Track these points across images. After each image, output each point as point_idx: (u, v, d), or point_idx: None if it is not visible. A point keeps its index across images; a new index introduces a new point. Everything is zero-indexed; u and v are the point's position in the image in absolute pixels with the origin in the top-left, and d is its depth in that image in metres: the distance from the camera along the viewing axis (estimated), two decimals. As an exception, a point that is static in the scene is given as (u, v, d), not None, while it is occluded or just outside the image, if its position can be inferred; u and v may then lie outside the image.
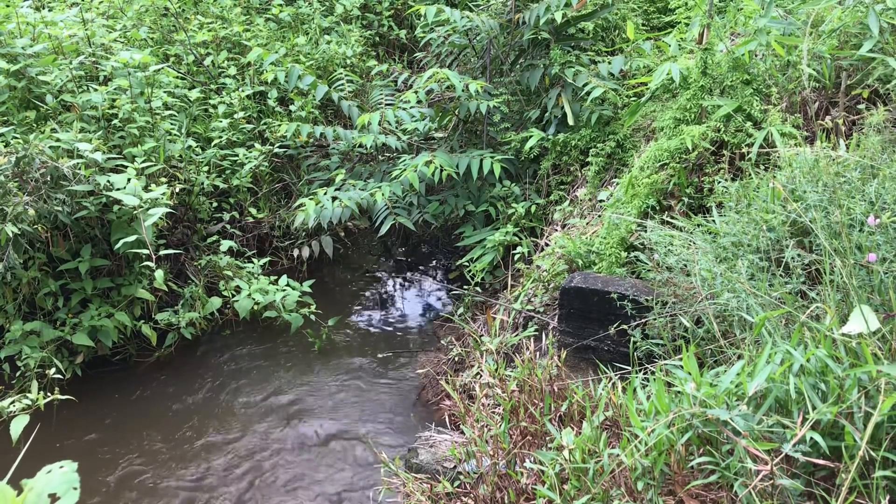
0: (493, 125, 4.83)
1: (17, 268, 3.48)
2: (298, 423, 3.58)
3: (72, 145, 3.58)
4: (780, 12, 3.18)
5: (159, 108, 4.22)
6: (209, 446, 3.43)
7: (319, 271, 5.05)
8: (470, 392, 2.99)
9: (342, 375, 3.99)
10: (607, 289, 2.72)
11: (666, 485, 1.63)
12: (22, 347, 3.53)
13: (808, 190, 2.05)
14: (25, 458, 1.69)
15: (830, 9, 2.98)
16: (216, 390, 3.87)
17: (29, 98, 3.95)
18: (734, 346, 1.96)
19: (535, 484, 2.01)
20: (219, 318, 4.34)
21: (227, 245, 4.38)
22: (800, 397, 1.47)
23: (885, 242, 1.81)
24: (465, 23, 4.54)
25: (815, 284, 1.98)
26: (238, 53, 5.65)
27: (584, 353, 2.81)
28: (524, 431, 2.16)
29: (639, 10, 4.92)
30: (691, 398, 1.52)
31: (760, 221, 2.10)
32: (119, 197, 3.49)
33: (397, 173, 4.41)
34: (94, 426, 3.57)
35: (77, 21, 4.28)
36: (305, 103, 5.36)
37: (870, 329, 1.47)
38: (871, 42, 2.72)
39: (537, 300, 3.44)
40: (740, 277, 1.92)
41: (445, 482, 2.34)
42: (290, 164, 5.41)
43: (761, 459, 1.38)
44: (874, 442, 1.39)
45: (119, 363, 4.05)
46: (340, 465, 3.29)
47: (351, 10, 6.67)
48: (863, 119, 2.55)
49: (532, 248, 3.94)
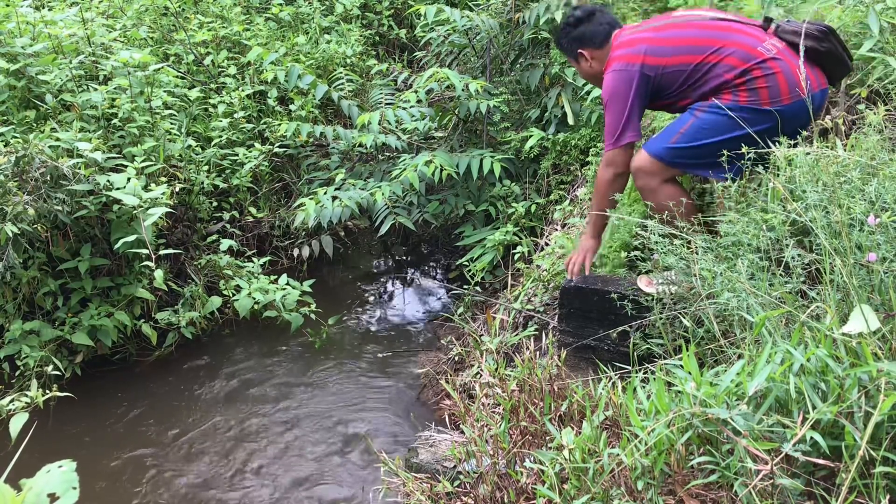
0: (493, 125, 4.83)
1: (17, 267, 3.48)
2: (298, 422, 3.58)
3: (71, 145, 3.58)
4: (779, 11, 3.18)
5: (159, 108, 4.22)
6: (209, 446, 3.43)
7: (319, 271, 5.05)
8: (470, 391, 2.99)
9: (342, 375, 3.99)
10: (607, 288, 2.72)
11: (666, 484, 1.63)
12: (21, 347, 3.53)
13: (808, 189, 2.05)
14: (24, 457, 1.69)
15: (830, 8, 2.98)
16: (216, 390, 3.87)
17: (29, 97, 3.95)
18: (734, 346, 1.96)
19: (534, 483, 2.01)
20: (219, 318, 4.34)
21: (227, 244, 4.38)
22: (800, 397, 1.47)
23: (885, 242, 1.81)
24: (465, 22, 4.53)
25: (815, 284, 1.98)
26: (238, 53, 5.65)
27: (583, 353, 2.81)
28: (524, 431, 2.16)
29: (639, 10, 4.92)
30: (691, 398, 1.52)
31: (760, 221, 2.10)
32: (119, 196, 3.49)
33: (397, 173, 4.41)
34: (94, 425, 3.57)
35: (77, 20, 4.28)
36: (305, 103, 5.36)
37: (870, 328, 1.47)
38: (872, 42, 2.71)
39: (537, 300, 3.44)
40: (740, 277, 1.92)
41: (445, 482, 2.34)
42: (290, 163, 5.41)
43: (761, 459, 1.38)
44: (874, 441, 1.39)
45: (119, 363, 4.05)
46: (340, 464, 3.29)
47: (351, 9, 6.67)
48: (862, 118, 2.55)
49: (532, 247, 3.94)
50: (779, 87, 2.39)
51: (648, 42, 2.55)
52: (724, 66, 2.44)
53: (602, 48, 2.72)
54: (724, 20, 2.58)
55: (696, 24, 2.57)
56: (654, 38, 2.56)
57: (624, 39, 2.64)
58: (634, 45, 2.57)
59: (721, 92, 2.45)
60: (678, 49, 2.51)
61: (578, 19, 2.76)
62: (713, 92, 2.47)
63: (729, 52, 2.44)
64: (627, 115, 2.54)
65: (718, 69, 2.45)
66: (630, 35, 2.64)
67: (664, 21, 2.67)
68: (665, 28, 2.61)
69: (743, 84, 2.41)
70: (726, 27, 2.52)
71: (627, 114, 2.53)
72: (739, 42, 2.45)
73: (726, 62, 2.44)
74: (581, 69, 2.85)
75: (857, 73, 2.94)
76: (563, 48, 2.86)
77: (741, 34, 2.49)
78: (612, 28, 2.73)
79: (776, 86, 2.39)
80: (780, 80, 2.40)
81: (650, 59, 2.52)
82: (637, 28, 2.69)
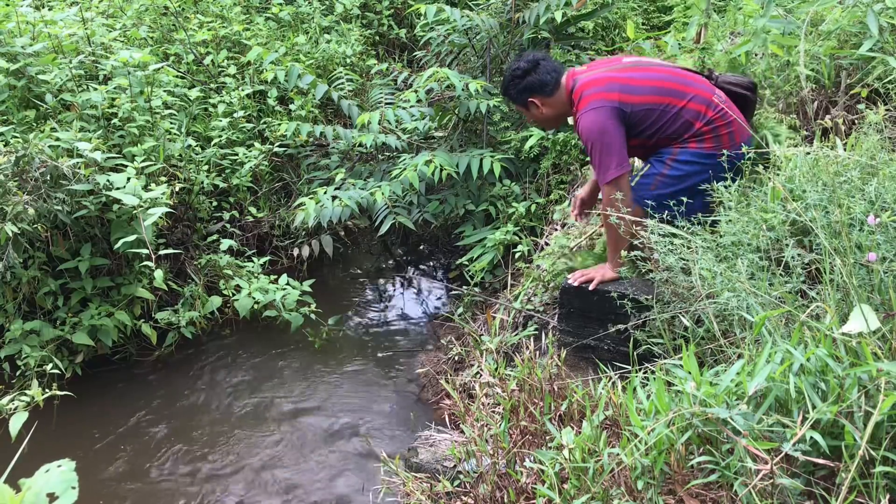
0: (493, 124, 4.83)
1: (17, 267, 3.48)
2: (298, 422, 3.58)
3: (71, 144, 3.58)
4: (779, 11, 3.18)
5: (159, 108, 4.22)
6: (208, 445, 3.43)
7: (319, 271, 5.05)
8: (470, 391, 2.99)
9: (342, 374, 3.99)
10: (607, 288, 2.72)
11: (666, 484, 1.63)
12: (22, 346, 3.53)
13: (808, 189, 2.05)
14: (24, 457, 1.69)
15: (830, 8, 2.98)
16: (216, 389, 3.87)
17: (28, 97, 3.95)
18: (734, 346, 1.96)
19: (534, 483, 2.02)
20: (219, 318, 4.34)
21: (227, 244, 4.38)
22: (800, 396, 1.47)
23: (884, 241, 1.81)
24: (465, 22, 4.53)
25: (815, 284, 1.98)
26: (238, 52, 5.65)
27: (583, 353, 2.81)
28: (524, 431, 2.16)
29: (639, 10, 4.92)
30: (691, 397, 1.52)
31: (760, 221, 2.10)
32: (119, 196, 3.48)
33: (397, 173, 4.41)
34: (94, 425, 3.57)
35: (77, 20, 4.27)
36: (305, 102, 5.36)
37: (870, 328, 1.47)
38: (871, 41, 2.72)
39: (537, 299, 3.44)
40: (740, 277, 1.92)
41: (445, 481, 2.34)
42: (290, 163, 5.41)
43: (761, 459, 1.38)
44: (874, 441, 1.39)
45: (119, 362, 4.05)
46: (340, 464, 3.29)
47: (351, 9, 6.66)
48: (862, 118, 2.55)
49: (532, 247, 3.94)
50: (733, 134, 2.63)
51: (619, 81, 2.68)
52: (690, 111, 2.63)
53: (553, 95, 2.85)
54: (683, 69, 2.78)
55: (659, 69, 2.74)
56: (623, 78, 2.69)
57: (589, 79, 2.74)
58: (605, 84, 2.69)
59: (688, 140, 2.64)
60: (647, 89, 2.66)
61: (525, 70, 2.86)
62: (679, 135, 2.65)
63: (691, 97, 2.63)
64: (618, 147, 2.64)
65: (685, 113, 2.63)
66: (593, 76, 2.75)
67: (621, 65, 2.80)
68: (628, 69, 2.75)
69: (709, 132, 2.61)
70: (686, 75, 2.72)
71: (617, 146, 2.64)
72: (700, 90, 2.66)
73: (691, 107, 2.63)
74: (531, 115, 2.96)
75: (858, 72, 2.94)
76: (511, 98, 2.97)
77: (699, 83, 2.69)
78: (559, 75, 2.85)
79: (731, 133, 2.63)
80: (735, 127, 2.63)
81: (625, 96, 2.65)
82: (593, 70, 2.81)
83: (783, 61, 3.13)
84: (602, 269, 2.82)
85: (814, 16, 3.04)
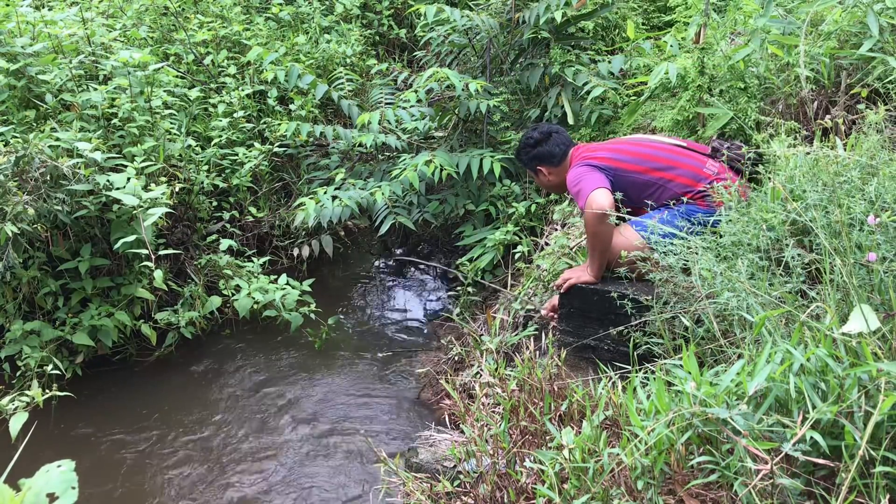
0: (493, 124, 4.83)
1: (17, 267, 3.48)
2: (298, 422, 3.58)
3: (71, 144, 3.58)
4: (779, 11, 3.18)
5: (159, 108, 4.21)
6: (208, 445, 3.43)
7: (319, 270, 5.05)
8: (470, 391, 2.99)
9: (342, 374, 3.99)
10: (607, 288, 2.72)
11: (666, 484, 1.63)
12: (22, 347, 3.53)
13: (808, 189, 2.05)
14: (24, 457, 1.69)
15: (830, 8, 2.98)
16: (216, 389, 3.87)
17: (28, 97, 3.95)
18: (734, 346, 1.96)
19: (534, 483, 2.01)
20: (219, 318, 4.34)
21: (227, 244, 4.38)
22: (800, 396, 1.47)
23: (884, 241, 1.81)
24: (465, 22, 4.53)
25: (815, 284, 1.98)
26: (238, 52, 5.65)
27: (583, 353, 2.81)
28: (524, 431, 2.16)
29: (639, 10, 4.92)
30: (691, 397, 1.52)
31: (760, 221, 2.10)
32: (119, 196, 3.48)
33: (397, 173, 4.40)
34: (94, 425, 3.57)
35: (77, 20, 4.27)
36: (305, 102, 5.36)
37: (870, 328, 1.47)
38: (871, 41, 2.72)
39: (537, 299, 3.44)
40: (740, 277, 1.92)
41: (445, 481, 2.33)
42: (290, 163, 5.41)
43: (761, 459, 1.38)
44: (874, 441, 1.39)
45: (119, 363, 4.05)
46: (340, 464, 3.28)
47: (351, 9, 6.67)
48: (862, 118, 2.55)
49: (532, 247, 3.94)
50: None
51: (609, 151, 2.91)
52: (677, 184, 2.77)
53: (559, 165, 3.09)
54: (676, 146, 2.91)
55: (651, 145, 2.91)
56: (614, 149, 2.91)
57: (586, 148, 3.00)
58: (595, 150, 2.94)
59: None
60: (635, 160, 2.85)
61: (537, 141, 3.11)
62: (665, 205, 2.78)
63: (679, 171, 2.78)
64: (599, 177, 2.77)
65: (672, 186, 2.78)
66: (591, 146, 3.00)
67: (620, 143, 3.00)
68: (622, 143, 2.98)
69: (701, 197, 2.74)
70: (676, 151, 2.87)
71: (596, 176, 2.77)
72: (688, 164, 2.80)
73: (679, 181, 2.78)
74: (539, 180, 3.23)
75: (858, 72, 2.94)
76: (523, 163, 3.24)
77: (688, 157, 2.84)
78: (567, 148, 3.09)
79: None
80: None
81: (612, 161, 2.85)
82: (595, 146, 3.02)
83: (784, 61, 3.12)
84: (580, 270, 2.86)
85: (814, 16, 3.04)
